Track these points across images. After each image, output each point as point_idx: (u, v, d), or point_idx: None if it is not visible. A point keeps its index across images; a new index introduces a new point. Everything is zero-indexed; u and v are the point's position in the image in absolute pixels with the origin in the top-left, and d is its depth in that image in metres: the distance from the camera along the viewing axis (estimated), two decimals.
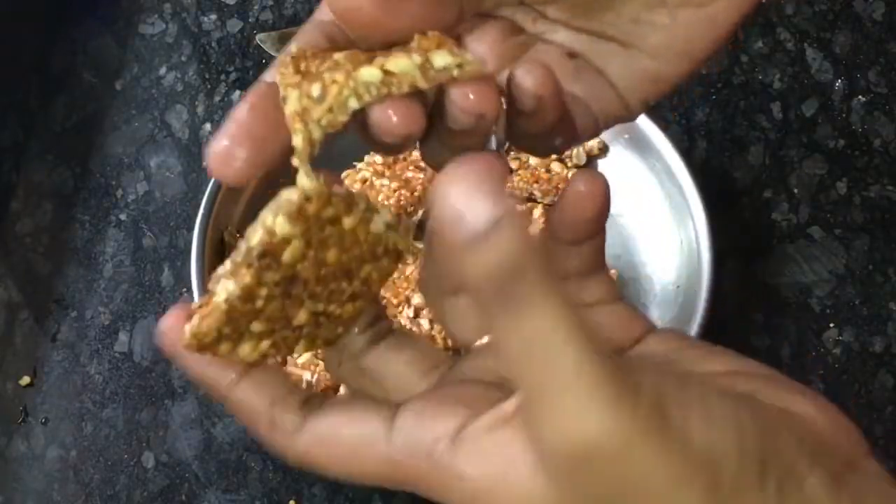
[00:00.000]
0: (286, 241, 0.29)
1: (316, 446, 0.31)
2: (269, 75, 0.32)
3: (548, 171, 0.71)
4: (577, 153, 0.71)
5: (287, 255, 0.29)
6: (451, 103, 0.30)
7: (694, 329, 0.63)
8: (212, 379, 0.31)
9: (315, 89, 0.29)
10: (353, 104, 0.29)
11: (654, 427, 0.25)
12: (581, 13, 0.34)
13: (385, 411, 0.30)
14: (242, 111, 0.32)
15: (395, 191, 0.70)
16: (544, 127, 0.32)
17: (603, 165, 0.72)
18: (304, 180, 0.29)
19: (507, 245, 0.24)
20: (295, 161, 0.29)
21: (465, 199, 0.25)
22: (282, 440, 0.31)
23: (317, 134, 0.29)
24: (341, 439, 0.30)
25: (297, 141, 0.29)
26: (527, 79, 0.30)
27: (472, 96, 0.29)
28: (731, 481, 0.25)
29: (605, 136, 0.72)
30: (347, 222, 0.29)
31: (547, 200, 0.70)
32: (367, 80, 0.29)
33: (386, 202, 0.69)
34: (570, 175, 0.71)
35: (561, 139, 0.34)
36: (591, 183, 0.32)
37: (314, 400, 0.31)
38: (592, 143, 0.71)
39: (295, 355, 0.30)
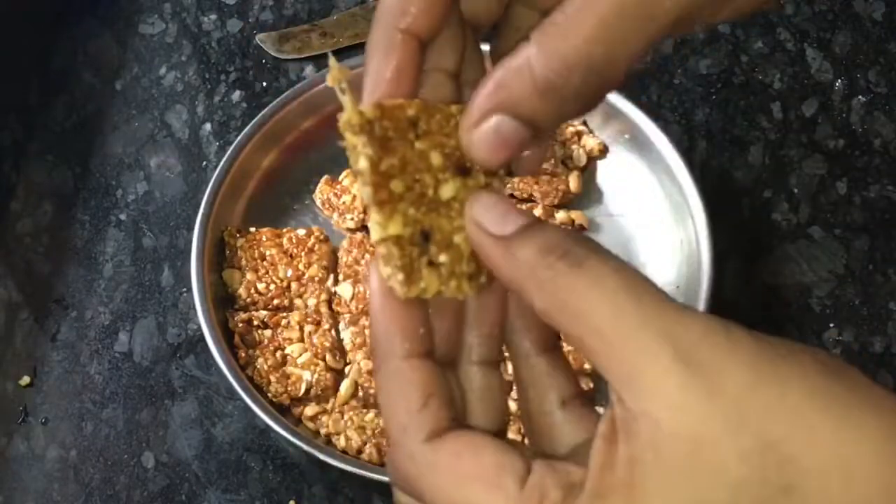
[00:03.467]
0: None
1: (440, 466, 0.30)
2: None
3: (549, 173, 0.71)
4: (578, 155, 0.71)
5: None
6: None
7: None
8: (389, 343, 0.31)
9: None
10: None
11: None
12: None
13: (521, 463, 0.29)
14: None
15: None
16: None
17: (603, 166, 0.72)
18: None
19: (550, 228, 0.29)
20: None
21: (501, 208, 0.31)
22: (408, 442, 0.30)
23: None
24: (470, 469, 0.30)
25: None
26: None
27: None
28: None
29: (605, 136, 0.72)
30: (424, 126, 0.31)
31: (547, 202, 0.70)
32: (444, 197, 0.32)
33: None
34: (570, 177, 0.71)
35: None
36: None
37: (457, 426, 0.31)
38: (593, 145, 0.71)
39: (422, 284, 0.31)
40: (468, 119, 0.31)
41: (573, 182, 0.71)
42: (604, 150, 0.72)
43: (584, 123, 0.72)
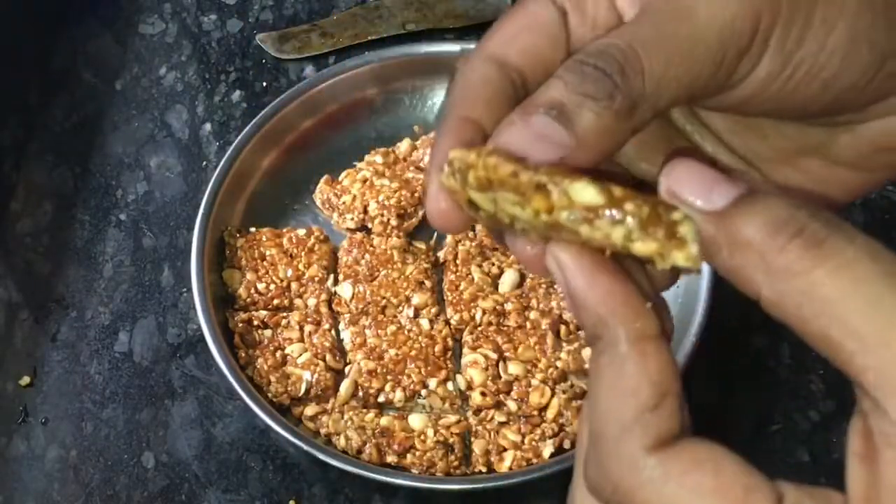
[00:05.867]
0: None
1: (672, 478, 0.25)
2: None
3: None
4: None
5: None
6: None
7: (694, 329, 0.63)
8: (624, 321, 0.26)
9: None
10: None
11: None
12: (740, 130, 0.33)
13: (769, 486, 0.25)
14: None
15: (395, 191, 0.70)
16: None
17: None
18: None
19: (773, 198, 0.24)
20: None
21: (706, 175, 0.25)
22: (629, 449, 0.26)
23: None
24: (712, 486, 0.25)
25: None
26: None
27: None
28: None
29: None
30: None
31: None
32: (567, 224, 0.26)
33: (386, 202, 0.69)
34: None
35: None
36: None
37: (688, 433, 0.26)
38: None
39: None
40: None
41: None
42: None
43: None
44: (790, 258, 0.24)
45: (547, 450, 0.61)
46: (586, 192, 0.26)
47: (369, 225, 0.70)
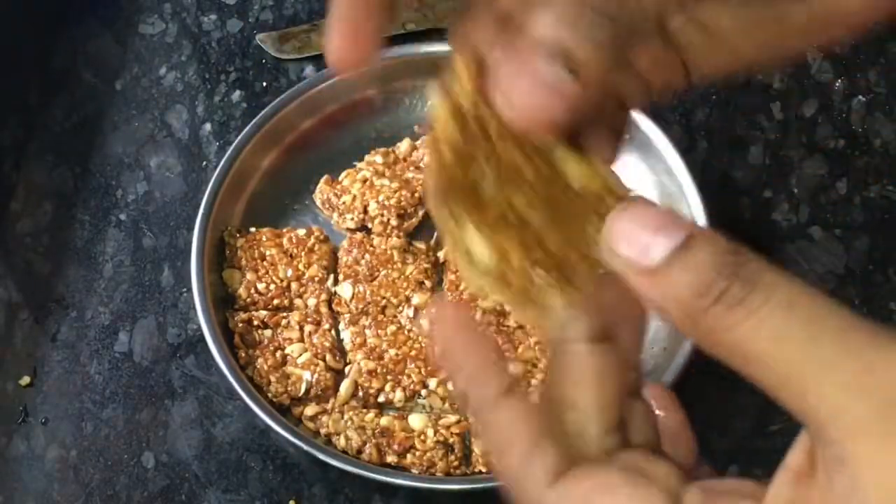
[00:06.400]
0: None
1: None
2: None
3: None
4: None
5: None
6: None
7: None
8: (479, 387, 0.29)
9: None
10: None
11: None
12: None
13: (663, 496, 0.27)
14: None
15: (395, 191, 0.70)
16: None
17: None
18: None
19: (703, 253, 0.26)
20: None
21: (646, 230, 0.27)
22: (530, 488, 0.28)
23: None
24: None
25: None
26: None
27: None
28: None
29: None
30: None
31: None
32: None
33: (386, 202, 0.69)
34: None
35: None
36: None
37: (575, 458, 0.29)
38: None
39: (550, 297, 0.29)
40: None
41: None
42: None
43: None
44: (714, 320, 0.26)
45: None
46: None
47: (369, 225, 0.70)
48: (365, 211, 0.70)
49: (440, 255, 0.70)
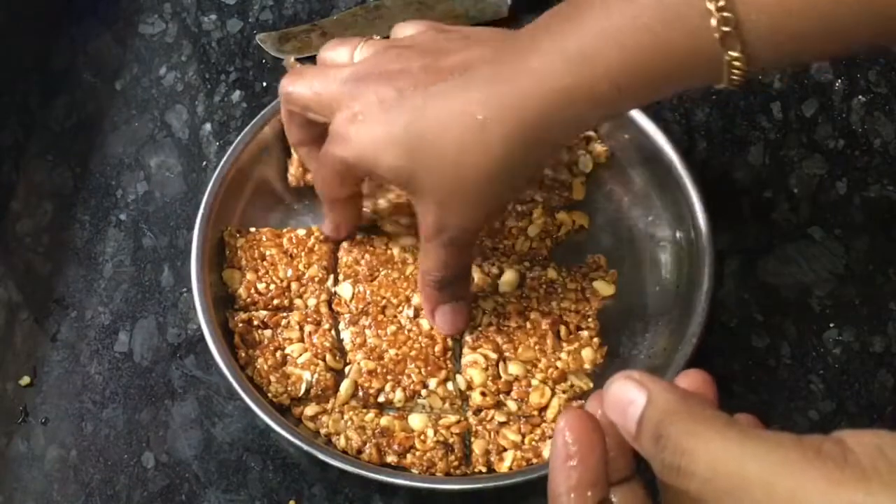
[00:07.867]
0: None
1: None
2: None
3: (552, 179, 0.71)
4: (584, 161, 0.71)
5: None
6: None
7: (694, 329, 0.63)
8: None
9: None
10: None
11: None
12: None
13: None
14: None
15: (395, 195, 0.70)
16: None
17: (603, 165, 0.72)
18: None
19: (661, 403, 0.37)
20: None
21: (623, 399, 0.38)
22: None
23: None
24: None
25: None
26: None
27: None
28: None
29: (604, 133, 0.72)
30: None
31: (553, 204, 0.70)
32: None
33: (397, 201, 0.70)
34: (573, 182, 0.71)
35: None
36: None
37: None
38: (600, 150, 0.71)
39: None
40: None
41: (577, 191, 0.71)
42: (610, 158, 0.72)
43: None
44: (662, 465, 0.36)
45: (547, 450, 0.61)
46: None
47: (379, 224, 0.70)
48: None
49: None
